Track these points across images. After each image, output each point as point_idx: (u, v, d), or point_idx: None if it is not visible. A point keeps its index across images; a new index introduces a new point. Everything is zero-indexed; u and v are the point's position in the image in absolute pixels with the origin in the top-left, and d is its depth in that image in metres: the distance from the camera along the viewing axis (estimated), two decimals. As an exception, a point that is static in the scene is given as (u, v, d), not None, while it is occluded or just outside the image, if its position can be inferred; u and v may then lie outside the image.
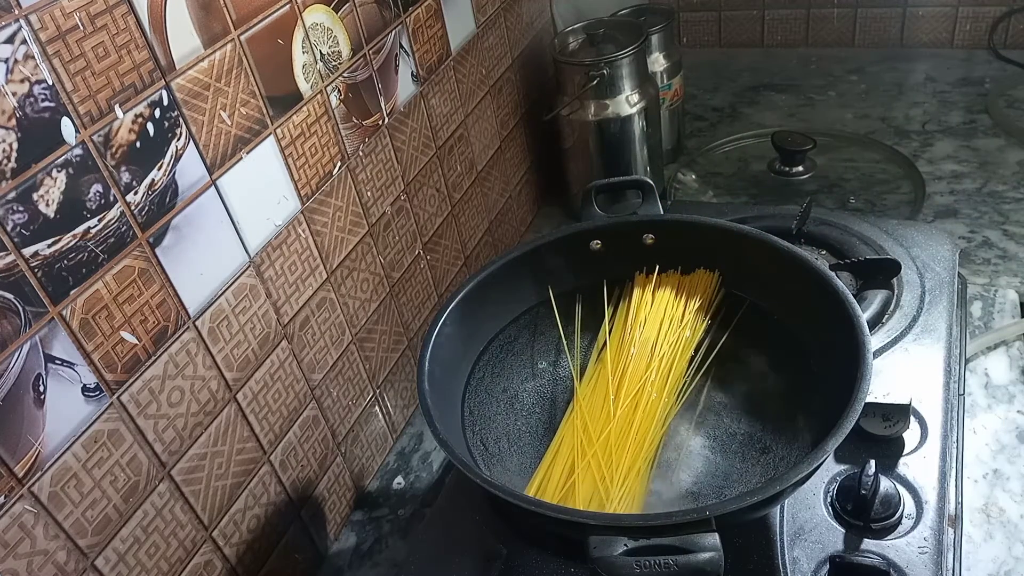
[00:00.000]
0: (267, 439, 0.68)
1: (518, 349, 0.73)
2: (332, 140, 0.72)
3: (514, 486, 0.62)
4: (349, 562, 0.77)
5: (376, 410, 0.84)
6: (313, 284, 0.72)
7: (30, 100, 0.46)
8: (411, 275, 0.87)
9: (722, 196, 1.13)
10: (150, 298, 0.56)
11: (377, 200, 0.79)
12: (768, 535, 0.61)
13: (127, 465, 0.55)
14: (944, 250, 0.83)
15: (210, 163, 0.59)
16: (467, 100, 0.94)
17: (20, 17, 0.45)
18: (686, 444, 0.65)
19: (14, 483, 0.48)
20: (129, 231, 0.53)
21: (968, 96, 1.23)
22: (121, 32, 0.51)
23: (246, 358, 0.65)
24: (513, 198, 1.09)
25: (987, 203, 1.01)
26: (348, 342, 0.78)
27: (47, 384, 0.49)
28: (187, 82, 0.56)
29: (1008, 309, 0.86)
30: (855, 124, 1.21)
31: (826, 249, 0.85)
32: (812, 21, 1.41)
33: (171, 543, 0.60)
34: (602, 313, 0.73)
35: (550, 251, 0.73)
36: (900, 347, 0.74)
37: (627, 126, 1.04)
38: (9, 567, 0.48)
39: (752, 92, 1.35)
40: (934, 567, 0.57)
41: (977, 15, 1.30)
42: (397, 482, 0.83)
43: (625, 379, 0.67)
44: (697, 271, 0.73)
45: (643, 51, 1.03)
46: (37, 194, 0.47)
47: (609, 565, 0.47)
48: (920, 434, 0.67)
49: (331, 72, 0.70)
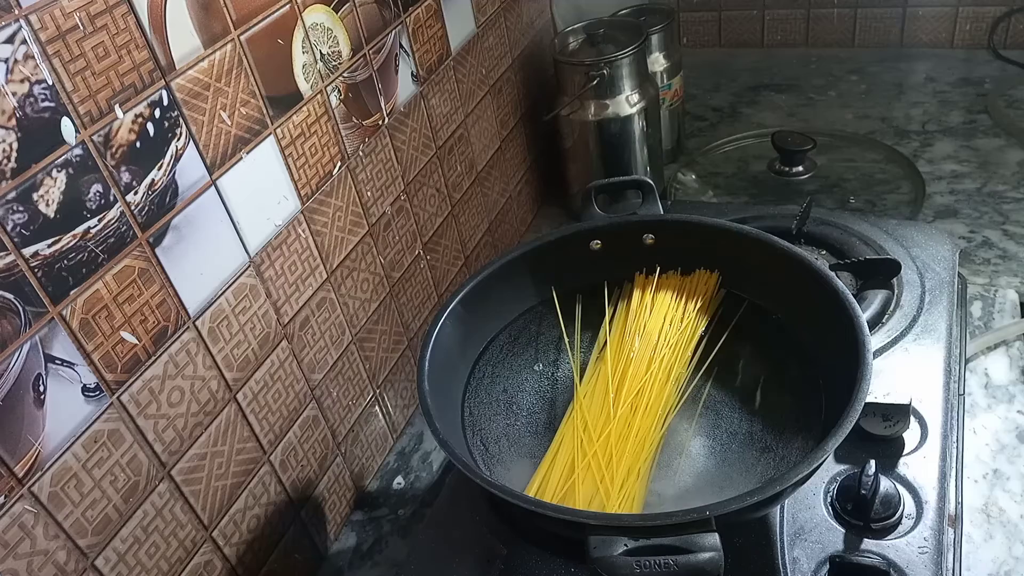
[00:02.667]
0: (267, 439, 0.68)
1: (518, 349, 0.73)
2: (332, 140, 0.72)
3: (514, 486, 0.61)
4: (349, 562, 0.77)
5: (376, 410, 0.84)
6: (313, 284, 0.72)
7: (30, 100, 0.46)
8: (411, 275, 0.87)
9: (722, 196, 1.13)
10: (150, 298, 0.56)
11: (377, 200, 0.79)
12: (768, 535, 0.61)
13: (127, 465, 0.55)
14: (944, 250, 0.83)
15: (210, 163, 0.59)
16: (467, 100, 0.94)
17: (20, 17, 0.45)
18: (686, 444, 0.65)
19: (14, 483, 0.48)
20: (129, 231, 0.53)
21: (968, 96, 1.23)
22: (121, 32, 0.51)
23: (246, 358, 0.65)
24: (513, 198, 1.09)
25: (987, 203, 1.01)
26: (348, 342, 0.78)
27: (47, 384, 0.49)
28: (187, 82, 0.56)
29: (1008, 309, 0.86)
30: (855, 124, 1.21)
31: (826, 249, 0.85)
32: (812, 21, 1.41)
33: (171, 543, 0.60)
34: (602, 313, 0.73)
35: (550, 251, 0.73)
36: (900, 347, 0.74)
37: (627, 126, 1.04)
38: (9, 567, 0.48)
39: (752, 92, 1.35)
40: (934, 567, 0.57)
41: (977, 15, 1.30)
42: (397, 482, 0.83)
43: (625, 379, 0.67)
44: (697, 271, 0.73)
45: (643, 51, 1.03)
46: (37, 194, 0.47)
47: (609, 565, 0.47)
48: (920, 434, 0.67)
49: (331, 72, 0.70)
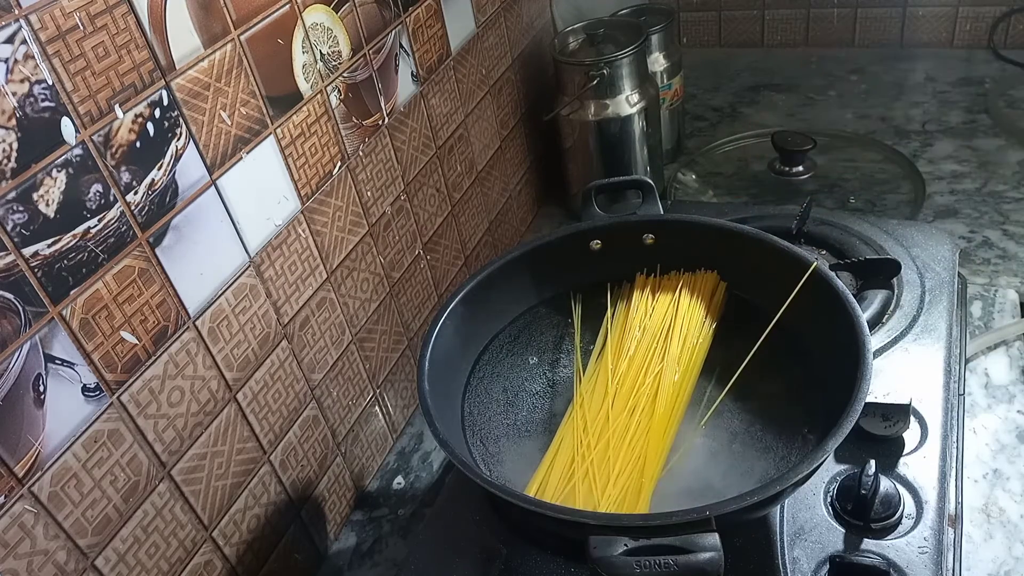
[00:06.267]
0: (267, 439, 0.68)
1: (518, 349, 0.73)
2: (332, 140, 0.72)
3: (514, 486, 0.62)
4: (349, 562, 0.77)
5: (376, 410, 0.84)
6: (313, 284, 0.72)
7: (30, 100, 0.46)
8: (411, 275, 0.87)
9: (722, 196, 1.13)
10: (150, 298, 0.56)
11: (377, 200, 0.79)
12: (768, 535, 0.61)
13: (127, 465, 0.55)
14: (944, 250, 0.83)
15: (210, 163, 0.59)
16: (467, 100, 0.94)
17: (20, 17, 0.45)
18: (686, 444, 0.65)
19: (14, 483, 0.48)
20: (129, 231, 0.53)
21: (968, 96, 1.23)
22: (121, 32, 0.51)
23: (246, 358, 0.65)
24: (513, 198, 1.09)
25: (987, 203, 1.01)
26: (348, 342, 0.78)
27: (47, 384, 0.49)
28: (187, 82, 0.56)
29: (1008, 309, 0.86)
30: (855, 124, 1.21)
31: (826, 249, 0.85)
32: (812, 21, 1.41)
33: (171, 543, 0.60)
34: (602, 313, 0.73)
35: (550, 251, 0.73)
36: (900, 347, 0.74)
37: (627, 126, 1.04)
38: (9, 567, 0.48)
39: (752, 92, 1.35)
40: (934, 567, 0.57)
41: (977, 15, 1.30)
42: (397, 482, 0.83)
43: (626, 379, 0.67)
44: (697, 271, 0.73)
45: (643, 51, 1.03)
46: (37, 194, 0.47)
47: (609, 565, 0.47)
48: (920, 434, 0.67)
49: (331, 72, 0.70)
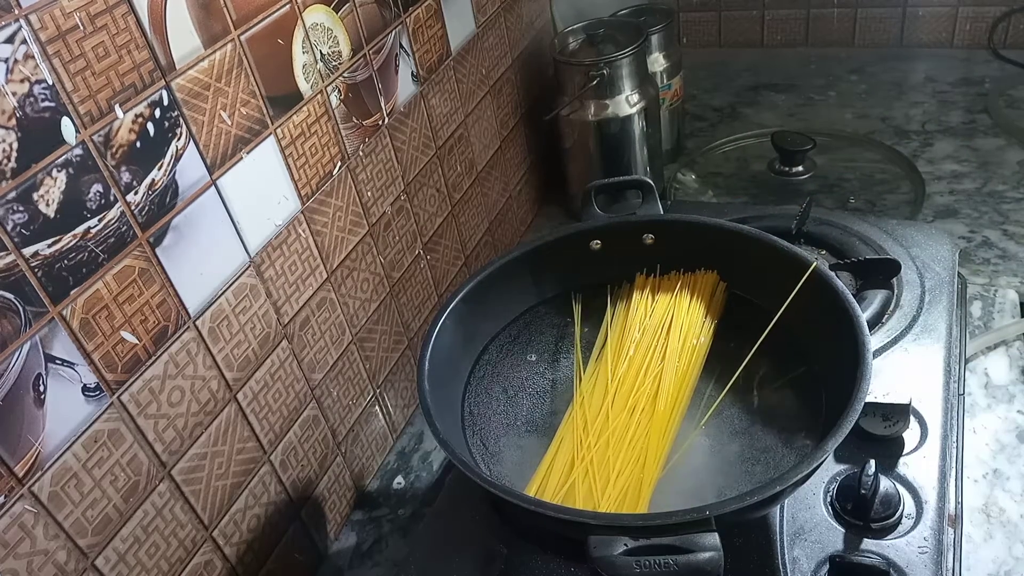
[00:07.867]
0: (267, 439, 0.68)
1: (518, 349, 0.73)
2: (332, 140, 0.72)
3: (514, 486, 0.61)
4: (349, 562, 0.77)
5: (376, 410, 0.84)
6: (313, 284, 0.72)
7: (30, 100, 0.46)
8: (411, 275, 0.87)
9: (722, 196, 1.13)
10: (150, 298, 0.56)
11: (377, 200, 0.79)
12: (768, 535, 0.61)
13: (127, 465, 0.55)
14: (944, 250, 0.83)
15: (210, 163, 0.59)
16: (467, 100, 0.94)
17: (20, 17, 0.45)
18: (686, 443, 0.65)
19: (14, 483, 0.48)
20: (129, 231, 0.53)
21: (968, 96, 1.23)
22: (121, 32, 0.51)
23: (246, 358, 0.65)
24: (513, 198, 1.09)
25: (987, 203, 1.01)
26: (348, 342, 0.78)
27: (47, 384, 0.49)
28: (187, 82, 0.56)
29: (1008, 309, 0.86)
30: (855, 124, 1.21)
31: (826, 249, 0.85)
32: (812, 21, 1.41)
33: (171, 543, 0.60)
34: (602, 313, 0.73)
35: (550, 251, 0.73)
36: (900, 347, 0.74)
37: (627, 126, 1.04)
38: (9, 567, 0.48)
39: (752, 92, 1.35)
40: (934, 567, 0.57)
41: (977, 15, 1.30)
42: (397, 482, 0.83)
43: (626, 379, 0.67)
44: (697, 271, 0.73)
45: (643, 51, 1.03)
46: (37, 194, 0.47)
47: (609, 565, 0.47)
48: (920, 434, 0.67)
49: (331, 72, 0.70)
